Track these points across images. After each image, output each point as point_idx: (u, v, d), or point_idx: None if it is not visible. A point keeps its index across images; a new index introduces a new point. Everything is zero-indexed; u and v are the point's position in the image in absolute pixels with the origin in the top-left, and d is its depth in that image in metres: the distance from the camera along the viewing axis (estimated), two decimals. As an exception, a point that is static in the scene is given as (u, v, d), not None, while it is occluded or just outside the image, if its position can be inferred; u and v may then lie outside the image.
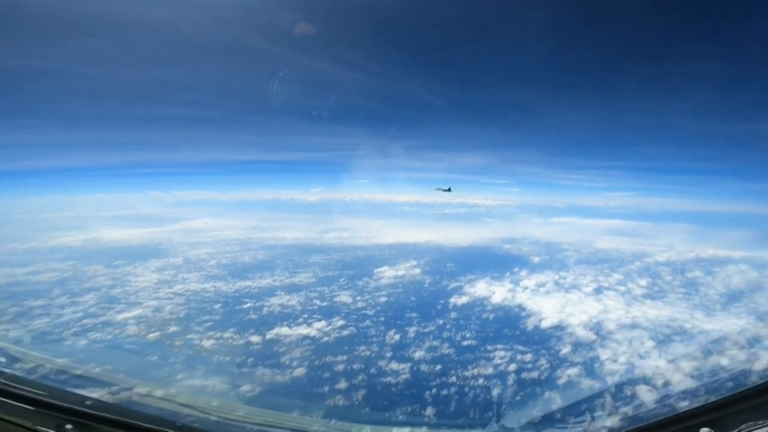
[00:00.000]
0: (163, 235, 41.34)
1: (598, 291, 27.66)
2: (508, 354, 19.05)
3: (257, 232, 44.72)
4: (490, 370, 17.92)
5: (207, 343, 17.96)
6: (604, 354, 19.42)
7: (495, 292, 26.76)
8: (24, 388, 2.40)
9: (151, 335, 18.32)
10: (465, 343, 20.23)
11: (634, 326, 22.03)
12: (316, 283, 27.12)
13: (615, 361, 18.94)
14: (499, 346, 19.65)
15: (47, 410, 2.28)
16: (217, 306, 22.55)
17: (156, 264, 29.47)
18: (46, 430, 2.22)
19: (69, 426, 2.23)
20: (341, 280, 27.89)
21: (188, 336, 18.37)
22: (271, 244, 37.87)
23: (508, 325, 22.36)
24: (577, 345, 20.28)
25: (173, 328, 19.09)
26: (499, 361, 18.58)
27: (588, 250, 40.56)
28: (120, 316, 19.84)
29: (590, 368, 18.30)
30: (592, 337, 20.98)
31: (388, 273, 29.65)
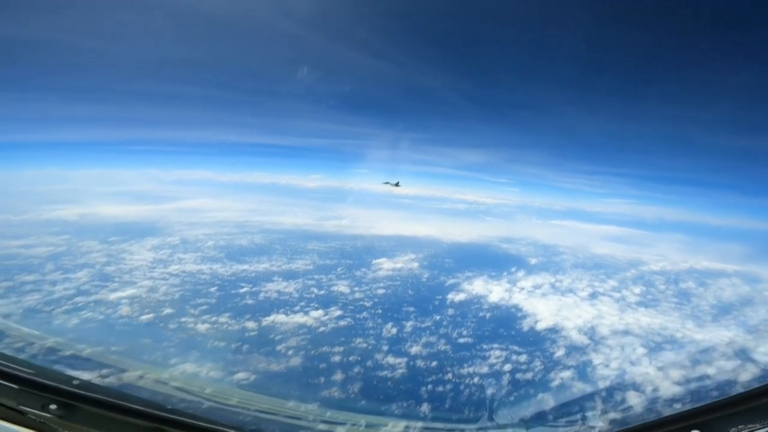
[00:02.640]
0: (159, 213, 40.83)
1: (593, 296, 27.68)
2: (504, 354, 19.09)
3: (255, 215, 44.31)
4: (485, 369, 17.96)
5: (202, 327, 17.72)
6: (596, 358, 19.53)
7: (492, 291, 26.77)
8: (8, 365, 2.33)
9: (144, 317, 18.01)
10: (461, 340, 20.23)
11: (626, 333, 22.13)
12: (313, 270, 26.88)
13: (607, 366, 19.03)
14: (495, 346, 19.69)
15: (32, 389, 2.21)
16: (212, 289, 22.27)
17: (152, 242, 29.07)
18: (29, 409, 2.16)
19: (53, 406, 2.17)
20: (339, 269, 27.69)
21: (182, 319, 18.11)
22: (269, 229, 37.49)
23: (504, 325, 22.38)
24: (571, 348, 20.38)
25: (167, 310, 18.79)
26: (495, 361, 18.62)
27: (585, 254, 40.62)
28: (113, 295, 19.51)
29: (583, 372, 18.40)
30: (586, 341, 21.07)
31: (386, 265, 29.47)
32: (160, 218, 37.77)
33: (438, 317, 22.30)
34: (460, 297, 25.38)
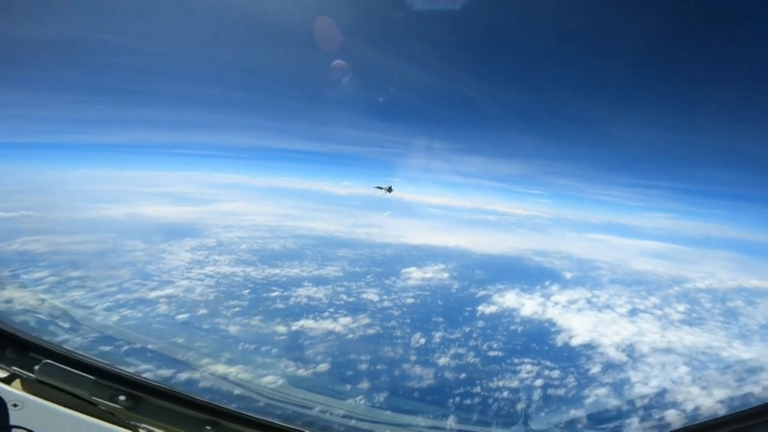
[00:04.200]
0: (198, 215, 42.34)
1: (633, 313, 26.66)
2: (535, 368, 18.63)
3: (287, 220, 45.20)
4: (515, 383, 17.56)
5: (233, 329, 18.12)
6: (635, 376, 18.87)
7: (524, 304, 26.19)
8: (84, 356, 2.47)
9: (180, 316, 18.64)
10: (491, 353, 19.83)
11: (668, 351, 21.36)
12: (343, 277, 27.07)
13: (646, 383, 18.38)
14: (526, 360, 19.24)
15: (104, 380, 2.33)
16: (245, 291, 22.79)
17: (190, 243, 30.10)
18: (100, 400, 2.26)
19: (122, 397, 2.28)
20: (368, 276, 27.77)
21: (216, 320, 18.62)
22: (301, 234, 38.13)
23: (537, 340, 21.82)
24: (608, 365, 19.74)
25: (202, 311, 19.39)
26: (526, 375, 18.18)
27: (624, 270, 39.19)
28: (152, 294, 20.29)
29: (619, 389, 17.83)
30: (624, 358, 20.36)
31: (415, 274, 29.32)
32: (198, 220, 39.16)
33: (467, 329, 21.95)
34: (491, 309, 24.92)
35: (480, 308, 24.89)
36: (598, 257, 43.06)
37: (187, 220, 39.04)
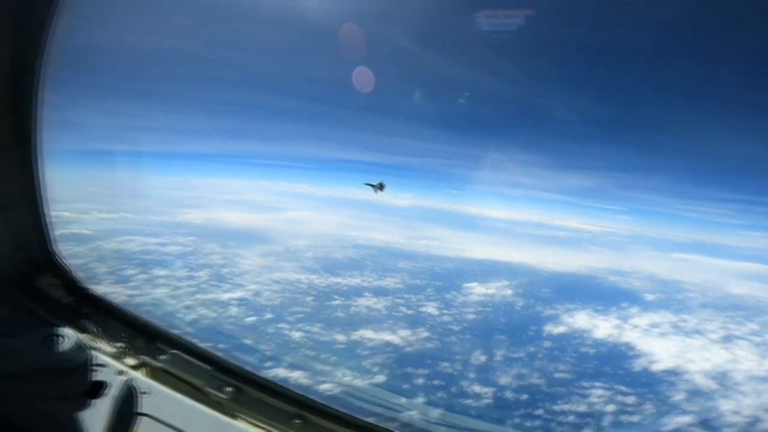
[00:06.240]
0: (267, 222, 44.87)
1: (728, 339, 24.08)
2: (608, 393, 17.25)
3: (349, 229, 46.34)
4: (583, 407, 16.41)
5: (296, 335, 18.77)
6: (725, 405, 17.08)
7: (598, 326, 24.52)
8: (201, 347, 2.62)
9: (248, 318, 19.71)
10: (558, 375, 18.69)
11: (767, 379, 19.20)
12: (403, 289, 26.99)
13: (738, 413, 16.61)
14: (598, 384, 17.87)
15: (217, 371, 2.47)
16: (308, 298, 23.58)
17: (260, 249, 31.87)
18: (211, 390, 2.39)
19: (229, 388, 2.42)
20: (428, 290, 27.43)
21: (279, 325, 19.41)
22: (362, 244, 38.80)
23: (611, 363, 20.26)
24: (694, 393, 17.90)
25: (268, 315, 20.32)
26: (596, 400, 16.91)
27: (717, 293, 35.28)
28: (225, 296, 21.71)
29: (706, 418, 16.26)
30: (714, 386, 18.40)
31: (477, 290, 28.54)
32: (267, 227, 41.49)
33: (532, 349, 20.96)
34: (559, 330, 23.56)
35: (546, 328, 23.62)
36: (685, 279, 39.52)
37: (258, 226, 41.49)
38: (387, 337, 19.98)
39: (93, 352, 2.45)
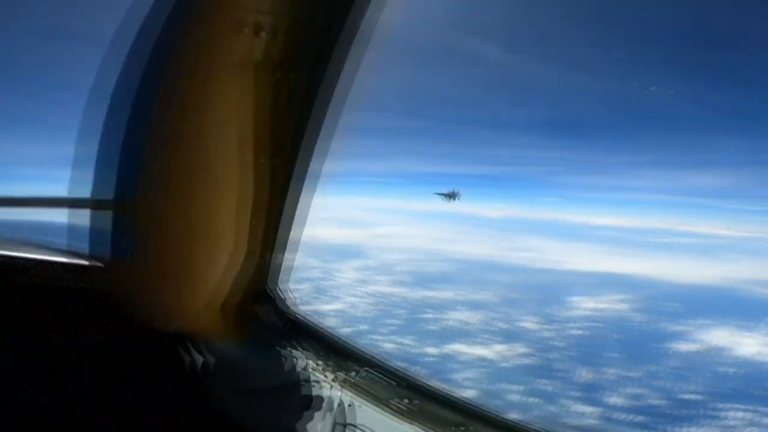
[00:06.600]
0: (362, 238, 46.82)
1: None
2: (749, 416, 15.33)
3: (441, 243, 46.41)
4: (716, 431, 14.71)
5: (388, 346, 19.20)
6: None
7: (740, 343, 21.51)
8: (379, 359, 2.55)
9: (345, 329, 20.70)
10: (685, 396, 16.68)
11: None
12: (498, 303, 26.18)
13: None
14: (738, 406, 15.92)
15: (397, 383, 2.38)
16: (401, 311, 23.87)
17: (355, 264, 33.36)
18: (396, 402, 2.31)
19: (406, 400, 2.31)
20: (526, 303, 26.28)
21: (373, 336, 20.02)
22: (454, 257, 38.57)
23: (756, 384, 17.73)
24: None
25: (362, 326, 21.14)
26: (733, 422, 15.14)
27: None
28: (325, 307, 23.11)
29: None
30: None
31: (584, 304, 26.47)
32: (362, 242, 43.28)
33: (653, 367, 18.86)
34: (689, 347, 20.96)
35: (672, 345, 21.14)
36: None
37: (353, 242, 43.44)
38: (480, 351, 19.46)
39: (307, 371, 2.91)
